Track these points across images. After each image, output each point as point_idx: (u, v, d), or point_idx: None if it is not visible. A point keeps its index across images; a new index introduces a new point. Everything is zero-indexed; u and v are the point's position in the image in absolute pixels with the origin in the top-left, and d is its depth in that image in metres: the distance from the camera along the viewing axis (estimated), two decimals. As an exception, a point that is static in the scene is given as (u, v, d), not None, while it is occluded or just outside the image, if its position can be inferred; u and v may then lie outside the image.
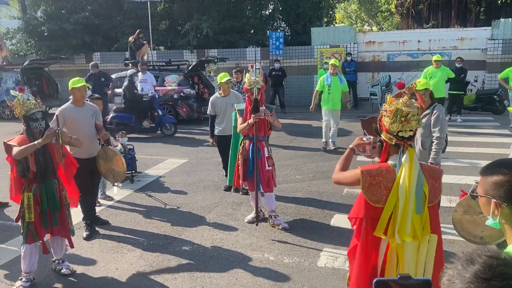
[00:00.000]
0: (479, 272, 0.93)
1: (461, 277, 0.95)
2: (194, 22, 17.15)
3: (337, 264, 4.46)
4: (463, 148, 8.85)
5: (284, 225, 5.33)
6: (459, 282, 0.94)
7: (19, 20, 19.98)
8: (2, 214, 6.05)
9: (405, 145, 2.50)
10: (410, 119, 2.45)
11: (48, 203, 4.07)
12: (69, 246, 4.37)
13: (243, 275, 4.27)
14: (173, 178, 7.55)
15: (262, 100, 5.21)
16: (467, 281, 0.93)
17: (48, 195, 4.07)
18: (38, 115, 4.00)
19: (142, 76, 12.00)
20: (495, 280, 0.91)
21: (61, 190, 4.21)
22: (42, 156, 4.02)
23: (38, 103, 4.06)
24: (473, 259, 0.97)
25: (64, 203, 4.21)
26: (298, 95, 16.07)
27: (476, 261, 0.96)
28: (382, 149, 2.59)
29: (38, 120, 3.99)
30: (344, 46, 15.42)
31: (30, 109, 3.96)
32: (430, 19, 20.73)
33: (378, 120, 2.61)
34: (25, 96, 4.02)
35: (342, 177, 2.77)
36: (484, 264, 0.94)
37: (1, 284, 4.24)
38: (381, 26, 33.44)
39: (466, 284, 0.93)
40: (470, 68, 13.07)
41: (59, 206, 4.14)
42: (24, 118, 3.98)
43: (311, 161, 8.33)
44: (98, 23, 18.25)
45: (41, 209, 4.05)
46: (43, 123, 4.05)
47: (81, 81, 5.20)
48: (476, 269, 0.94)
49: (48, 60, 15.71)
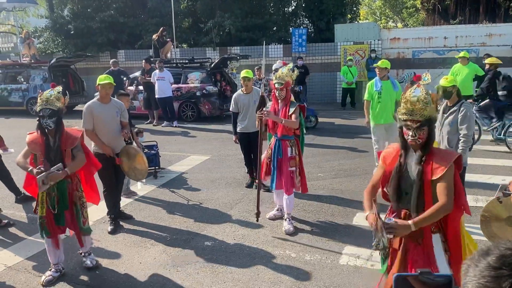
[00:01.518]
0: (491, 261, 0.95)
1: (475, 266, 0.97)
2: (217, 19, 17.23)
3: (359, 262, 4.41)
4: (490, 147, 8.63)
5: (287, 228, 5.13)
6: (472, 270, 0.97)
7: (47, 19, 20.47)
8: (30, 208, 6.21)
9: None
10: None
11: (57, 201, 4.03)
12: (80, 245, 4.35)
13: (264, 271, 4.27)
14: (195, 174, 7.61)
15: (288, 98, 5.12)
16: (479, 269, 0.96)
17: (57, 193, 4.03)
18: (45, 113, 3.89)
19: (159, 74, 12.10)
20: (505, 269, 0.93)
21: (73, 190, 4.13)
22: (54, 154, 4.01)
23: (52, 101, 3.95)
24: (489, 250, 0.99)
25: (75, 203, 4.14)
26: (321, 93, 15.97)
27: (492, 252, 0.98)
28: (429, 138, 2.70)
29: (44, 118, 3.90)
30: (368, 43, 15.23)
31: (39, 105, 3.93)
32: (457, 15, 20.27)
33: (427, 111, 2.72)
34: (51, 92, 4.00)
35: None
36: (498, 254, 0.96)
37: (28, 275, 4.36)
38: (406, 22, 32.86)
39: (478, 272, 0.96)
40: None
41: (67, 206, 4.08)
42: (35, 113, 4.01)
43: (334, 159, 8.27)
44: (123, 21, 18.52)
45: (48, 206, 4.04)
46: (51, 122, 3.91)
47: (108, 78, 5.26)
48: (490, 259, 0.96)
49: (75, 58, 16.04)
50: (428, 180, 2.63)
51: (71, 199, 4.13)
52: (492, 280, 0.92)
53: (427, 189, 2.64)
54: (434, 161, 2.64)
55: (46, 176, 3.82)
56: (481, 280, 0.93)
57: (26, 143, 4.06)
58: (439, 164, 2.62)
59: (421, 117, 2.63)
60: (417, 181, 2.66)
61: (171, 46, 14.93)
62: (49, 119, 3.92)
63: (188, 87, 12.89)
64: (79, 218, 4.18)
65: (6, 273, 4.38)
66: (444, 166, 2.60)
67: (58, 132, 4.01)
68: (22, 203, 6.35)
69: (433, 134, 2.74)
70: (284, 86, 5.00)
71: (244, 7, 18.03)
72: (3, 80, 15.65)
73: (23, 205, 6.29)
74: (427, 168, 2.64)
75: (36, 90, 14.94)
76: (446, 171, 2.58)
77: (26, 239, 5.21)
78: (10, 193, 6.41)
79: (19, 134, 6.29)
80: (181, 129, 11.85)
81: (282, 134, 5.09)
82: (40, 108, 3.93)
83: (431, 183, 2.63)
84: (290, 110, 5.02)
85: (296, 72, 5.38)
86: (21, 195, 6.41)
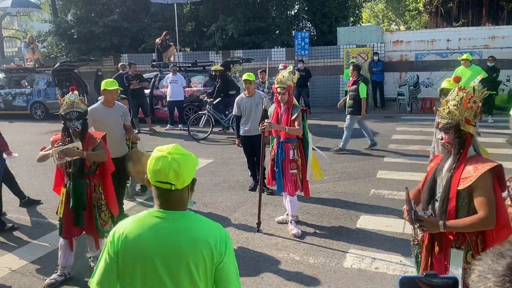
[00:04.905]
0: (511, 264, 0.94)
1: (493, 270, 0.94)
2: (220, 23, 17.28)
3: (363, 265, 4.40)
4: (494, 149, 8.60)
5: (295, 232, 5.14)
6: (492, 275, 0.94)
7: (50, 23, 20.58)
8: (34, 211, 6.24)
9: (477, 134, 2.59)
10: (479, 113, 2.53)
11: (76, 202, 4.11)
12: (95, 247, 4.36)
13: (269, 275, 4.27)
14: (198, 178, 7.56)
15: (291, 101, 5.14)
16: (500, 274, 0.93)
17: (76, 194, 4.11)
18: (72, 115, 4.07)
19: (172, 77, 12.17)
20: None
21: (91, 191, 4.22)
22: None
23: (77, 103, 4.12)
24: (503, 253, 0.97)
25: (94, 204, 4.21)
26: (324, 96, 15.97)
27: (507, 255, 0.96)
28: (465, 143, 2.51)
29: (72, 120, 4.07)
30: (371, 46, 15.24)
31: (66, 108, 4.07)
32: (460, 18, 20.24)
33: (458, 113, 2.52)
34: (72, 96, 4.12)
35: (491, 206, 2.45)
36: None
37: (33, 278, 4.38)
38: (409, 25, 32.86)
39: (500, 277, 0.93)
40: (502, 67, 12.70)
41: (85, 206, 4.15)
42: (61, 117, 4.12)
43: (337, 162, 8.27)
44: (126, 25, 18.61)
45: (69, 207, 4.13)
46: (78, 124, 4.09)
47: (115, 84, 5.32)
48: (508, 261, 0.94)
49: (78, 62, 16.12)
50: (454, 189, 2.48)
51: (90, 200, 4.21)
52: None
53: (452, 199, 2.49)
54: (465, 170, 2.46)
55: (62, 150, 3.95)
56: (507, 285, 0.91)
57: (50, 142, 4.18)
58: (469, 173, 2.43)
59: (445, 118, 2.51)
60: (444, 189, 2.53)
61: (174, 49, 14.99)
62: (76, 121, 4.08)
63: (191, 91, 12.93)
64: (97, 219, 4.24)
65: (11, 277, 4.40)
66: (473, 176, 2.41)
67: (83, 133, 4.16)
68: (26, 207, 6.37)
69: (468, 140, 2.51)
70: (286, 90, 5.03)
71: (247, 11, 18.08)
72: (7, 84, 15.74)
73: (27, 209, 6.31)
74: (456, 176, 2.49)
75: (40, 94, 15.03)
76: (474, 182, 2.40)
77: (30, 242, 5.23)
78: (15, 197, 6.43)
79: (23, 138, 6.33)
80: (184, 132, 11.87)
81: (285, 137, 5.12)
82: (67, 111, 4.06)
83: (457, 192, 2.48)
84: (293, 113, 5.04)
85: (297, 74, 5.43)
86: (25, 198, 6.44)
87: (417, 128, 11.15)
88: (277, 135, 5.20)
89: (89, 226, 4.24)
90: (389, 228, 5.19)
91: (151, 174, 1.79)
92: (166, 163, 1.75)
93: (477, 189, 2.41)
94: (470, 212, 2.46)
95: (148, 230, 1.77)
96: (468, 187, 2.43)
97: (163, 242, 1.75)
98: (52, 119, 14.42)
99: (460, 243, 2.53)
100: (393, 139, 10.07)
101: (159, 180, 1.76)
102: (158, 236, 1.76)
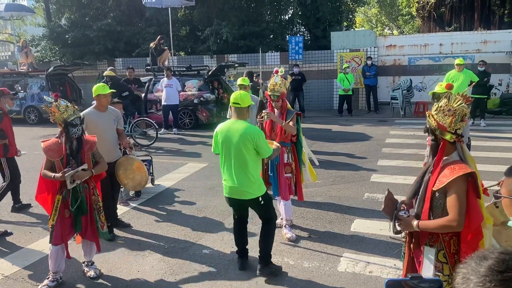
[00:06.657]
0: (493, 266, 0.97)
1: (476, 272, 0.99)
2: (214, 27, 17.30)
3: (357, 269, 4.41)
4: (486, 153, 8.67)
5: (290, 236, 5.15)
6: (474, 277, 0.98)
7: (44, 27, 20.50)
8: (26, 217, 6.20)
9: (460, 141, 2.58)
10: (465, 118, 2.57)
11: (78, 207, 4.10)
12: (97, 249, 4.39)
13: (263, 279, 4.26)
14: (193, 182, 7.61)
15: (284, 106, 5.17)
16: (482, 274, 0.97)
17: (76, 199, 4.09)
18: (77, 121, 4.10)
19: (167, 81, 12.15)
20: (509, 272, 0.95)
21: (91, 195, 4.23)
22: (76, 159, 4.08)
23: (76, 109, 4.16)
24: (486, 256, 1.01)
25: (94, 208, 4.24)
26: (318, 100, 16.02)
27: (489, 257, 1.00)
28: (439, 148, 2.60)
29: (77, 126, 4.09)
30: (364, 50, 15.32)
31: (70, 115, 4.05)
32: (452, 22, 20.44)
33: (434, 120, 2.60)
34: (62, 102, 4.10)
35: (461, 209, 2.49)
36: (497, 258, 0.99)
37: (26, 284, 4.34)
38: (402, 29, 33.10)
39: (481, 277, 0.97)
40: (494, 71, 12.82)
41: (86, 211, 4.16)
42: (64, 124, 4.05)
43: (331, 166, 8.29)
44: (120, 30, 18.57)
45: (70, 213, 4.11)
46: (81, 129, 4.16)
47: (107, 89, 5.31)
48: (490, 263, 0.98)
49: (72, 66, 16.05)
50: (430, 190, 2.57)
51: (90, 204, 4.21)
52: (500, 283, 0.94)
53: (427, 199, 2.59)
54: (443, 172, 2.54)
55: (73, 174, 3.97)
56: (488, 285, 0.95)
57: (42, 150, 4.12)
58: (445, 175, 2.51)
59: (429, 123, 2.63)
60: (422, 189, 2.63)
61: (168, 54, 14.97)
62: (80, 126, 4.13)
63: (185, 95, 12.92)
64: (97, 222, 4.25)
65: (3, 283, 4.36)
66: (447, 178, 2.49)
67: (81, 137, 4.17)
68: (18, 212, 6.33)
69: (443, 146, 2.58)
70: (280, 97, 5.09)
71: (241, 15, 18.11)
72: (0, 88, 15.62)
73: (19, 214, 6.27)
74: (432, 177, 2.58)
75: (33, 99, 14.94)
76: (448, 183, 2.47)
77: (23, 248, 5.19)
78: (8, 202, 6.38)
79: (16, 143, 6.29)
80: (179, 137, 11.86)
81: (280, 140, 5.12)
82: (72, 117, 4.06)
83: (432, 193, 2.57)
84: (287, 118, 5.10)
85: (289, 78, 5.48)
86: (19, 204, 6.40)
87: (410, 132, 11.21)
88: (271, 138, 5.21)
89: (87, 231, 4.22)
90: (383, 232, 5.20)
91: (232, 100, 4.07)
92: (237, 94, 4.07)
93: (450, 191, 2.50)
94: (444, 214, 2.55)
95: (229, 128, 4.08)
96: (443, 188, 2.52)
97: (234, 133, 4.01)
98: (45, 123, 14.32)
99: (433, 241, 2.64)
100: (386, 142, 10.11)
101: (234, 102, 4.04)
102: (232, 130, 4.04)
